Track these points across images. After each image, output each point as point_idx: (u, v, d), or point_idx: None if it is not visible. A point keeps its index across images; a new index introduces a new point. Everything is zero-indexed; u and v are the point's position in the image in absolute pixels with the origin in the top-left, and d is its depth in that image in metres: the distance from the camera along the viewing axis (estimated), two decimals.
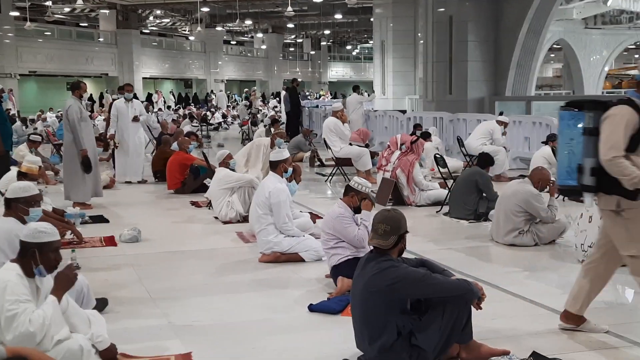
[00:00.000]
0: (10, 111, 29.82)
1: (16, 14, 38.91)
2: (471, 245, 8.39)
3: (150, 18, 51.73)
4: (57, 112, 29.40)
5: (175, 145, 13.32)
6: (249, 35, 62.45)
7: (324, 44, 67.14)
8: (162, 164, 13.27)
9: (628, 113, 4.66)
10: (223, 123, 33.32)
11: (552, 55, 53.59)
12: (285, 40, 64.52)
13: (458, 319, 4.49)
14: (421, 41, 23.93)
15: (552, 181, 8.37)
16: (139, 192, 12.94)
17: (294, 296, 6.29)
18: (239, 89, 62.43)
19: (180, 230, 9.63)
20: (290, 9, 33.55)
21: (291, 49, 69.03)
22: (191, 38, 54.55)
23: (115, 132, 13.66)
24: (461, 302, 4.51)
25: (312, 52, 65.49)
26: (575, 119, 4.80)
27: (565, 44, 42.14)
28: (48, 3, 37.82)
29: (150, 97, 43.41)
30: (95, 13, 47.27)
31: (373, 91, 26.98)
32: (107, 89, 42.27)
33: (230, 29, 56.48)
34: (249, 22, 50.23)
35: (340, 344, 4.94)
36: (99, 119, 25.82)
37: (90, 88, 38.61)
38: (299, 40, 64.00)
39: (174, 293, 6.46)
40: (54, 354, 4.12)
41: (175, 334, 5.35)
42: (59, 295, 4.29)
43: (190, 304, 6.13)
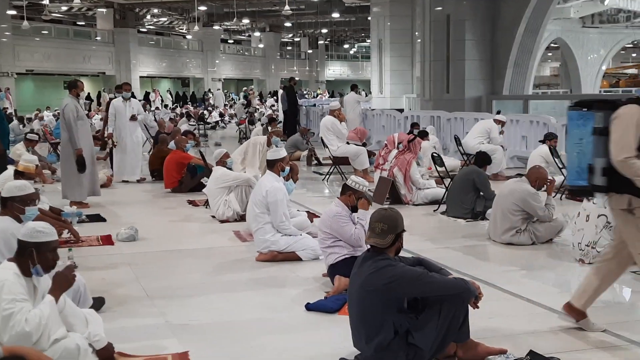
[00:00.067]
0: (7, 110, 29.82)
1: (13, 12, 38.89)
2: (468, 244, 8.38)
3: (148, 17, 51.70)
4: (54, 111, 29.38)
5: (172, 144, 13.31)
6: (247, 34, 62.44)
7: (321, 42, 67.09)
8: (160, 162, 13.26)
9: (638, 112, 4.63)
10: (220, 122, 33.32)
11: (550, 54, 53.72)
12: (282, 39, 64.48)
13: (455, 318, 4.49)
14: (419, 40, 23.92)
15: (550, 180, 8.39)
16: (136, 191, 12.92)
17: (291, 295, 6.29)
18: (236, 87, 62.38)
19: (177, 229, 9.62)
20: (287, 7, 33.52)
21: (288, 48, 69.01)
22: (188, 37, 54.53)
23: (113, 131, 13.66)
24: (458, 301, 4.51)
25: (310, 51, 65.46)
26: (584, 119, 4.76)
27: (562, 42, 42.23)
28: (45, 2, 37.71)
29: (148, 96, 43.37)
30: (93, 12, 47.22)
31: (370, 92, 26.97)
32: (105, 88, 42.22)
33: (228, 27, 56.46)
34: (246, 21, 50.26)
35: (338, 343, 4.94)
36: (96, 118, 25.81)
37: (88, 87, 38.58)
38: (297, 39, 64.03)
39: (171, 292, 6.46)
40: (51, 353, 4.11)
41: (173, 333, 5.34)
42: (57, 295, 4.28)
43: (187, 303, 6.12)
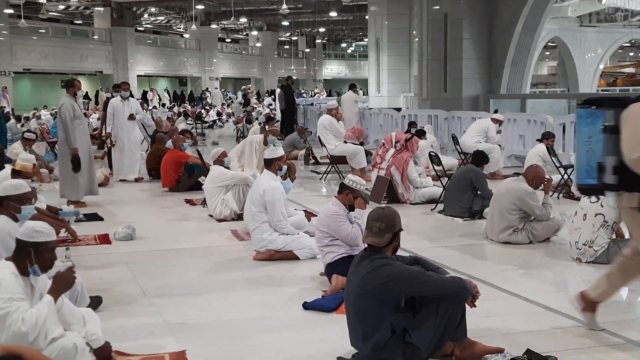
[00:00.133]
0: (4, 109, 29.82)
1: (10, 11, 38.84)
2: (465, 243, 8.39)
3: (145, 16, 51.69)
4: (52, 110, 29.35)
5: (169, 143, 13.30)
6: (244, 33, 62.45)
7: (318, 41, 67.05)
8: (157, 161, 13.25)
9: None
10: (218, 121, 33.31)
11: (547, 53, 53.75)
12: (280, 38, 64.46)
13: (452, 317, 4.49)
14: (416, 39, 23.90)
15: (547, 179, 8.39)
16: (133, 190, 12.92)
17: (289, 294, 6.29)
18: (233, 86, 62.36)
19: (174, 228, 9.62)
20: (285, 6, 33.48)
21: (286, 47, 68.98)
22: (186, 36, 54.51)
23: (112, 130, 13.64)
24: (455, 300, 4.51)
25: (307, 50, 65.47)
26: (593, 117, 4.70)
27: (560, 41, 42.24)
28: (42, 0, 37.70)
29: (145, 95, 43.34)
30: (90, 11, 47.18)
31: (367, 92, 26.98)
32: (102, 87, 42.19)
33: (225, 26, 56.47)
34: (243, 20, 50.19)
35: (335, 342, 4.94)
36: (93, 117, 25.79)
37: (85, 86, 38.53)
38: (294, 38, 64.03)
39: (168, 291, 6.46)
40: (48, 353, 4.10)
41: (170, 332, 5.34)
42: (56, 295, 4.27)
43: (184, 302, 6.12)
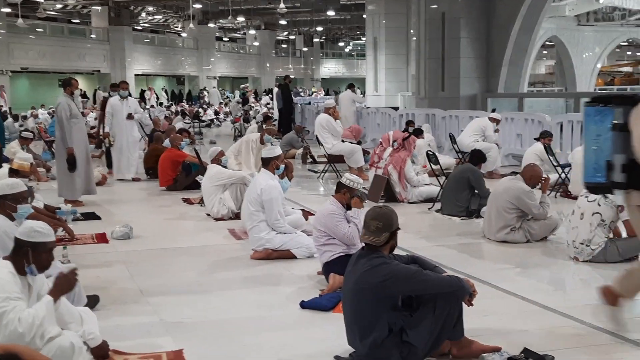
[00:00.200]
0: (1, 108, 29.80)
1: (8, 10, 38.78)
2: (463, 242, 8.40)
3: (143, 15, 51.60)
4: (49, 109, 29.34)
5: (167, 142, 13.31)
6: (242, 32, 62.34)
7: (316, 40, 67.01)
8: (154, 161, 13.24)
9: None
10: (215, 120, 33.30)
11: (545, 52, 53.77)
12: (277, 37, 64.39)
13: (449, 316, 4.50)
14: (414, 38, 23.91)
15: (544, 178, 8.39)
16: (130, 189, 12.92)
17: (286, 293, 6.30)
18: (231, 85, 62.33)
19: (172, 227, 9.61)
20: (282, 5, 33.47)
21: (284, 46, 68.95)
22: (183, 35, 54.42)
23: (110, 130, 13.62)
24: (452, 299, 4.51)
25: (305, 49, 65.38)
26: (601, 115, 4.67)
27: (557, 41, 42.26)
28: None
29: (143, 94, 43.31)
30: (87, 10, 47.12)
31: (364, 92, 26.99)
32: (100, 86, 42.16)
33: (223, 25, 56.41)
34: (241, 19, 50.12)
35: (332, 341, 4.94)
36: (91, 116, 25.77)
37: (83, 85, 38.49)
38: (292, 37, 63.94)
39: (165, 290, 6.46)
40: (45, 352, 4.08)
41: (167, 331, 5.34)
42: (56, 296, 4.25)
43: (181, 301, 6.12)
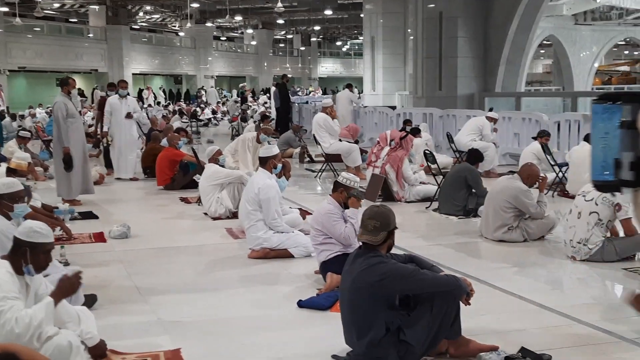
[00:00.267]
0: None
1: (5, 9, 38.74)
2: (460, 241, 8.41)
3: (140, 14, 51.51)
4: (47, 108, 29.31)
5: (164, 142, 13.30)
6: (239, 31, 62.29)
7: (314, 39, 66.98)
8: (152, 160, 13.24)
9: None
10: (213, 119, 33.29)
11: (542, 51, 53.74)
12: (275, 36, 64.33)
13: (446, 315, 4.50)
14: (411, 37, 23.92)
15: (542, 177, 8.40)
16: (128, 189, 12.91)
17: (283, 292, 6.30)
18: (228, 85, 62.29)
19: (169, 226, 9.61)
20: (280, 4, 33.46)
21: (281, 45, 68.89)
22: (181, 34, 54.34)
23: (108, 129, 13.60)
24: (450, 298, 4.52)
25: (302, 48, 65.33)
26: (609, 112, 4.56)
27: (555, 40, 42.26)
28: None
29: (141, 94, 43.28)
30: (85, 9, 47.01)
31: (361, 91, 27.02)
32: (97, 85, 42.12)
33: (220, 25, 56.32)
34: (238, 18, 50.11)
35: (329, 340, 4.94)
36: (88, 115, 25.74)
37: (80, 84, 38.47)
38: (289, 36, 63.89)
39: (163, 289, 6.46)
40: (43, 351, 4.08)
41: (165, 330, 5.34)
42: (58, 298, 4.23)
43: (179, 300, 6.12)
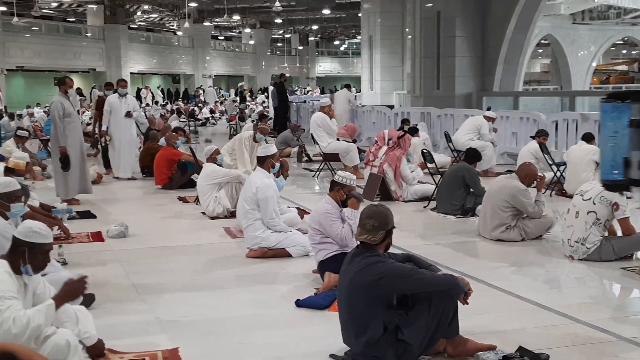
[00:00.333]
0: None
1: (3, 8, 38.68)
2: (458, 240, 8.41)
3: (138, 13, 51.51)
4: (45, 108, 29.28)
5: (162, 141, 13.30)
6: (237, 31, 62.35)
7: (311, 39, 67.03)
8: (150, 159, 13.23)
9: None
10: (211, 118, 33.28)
11: (540, 50, 53.72)
12: (273, 36, 64.38)
13: (444, 314, 4.50)
14: (409, 36, 23.91)
15: (539, 176, 8.40)
16: (126, 188, 12.90)
17: (281, 291, 6.30)
18: (226, 84, 62.28)
19: (167, 225, 9.61)
20: (278, 4, 33.47)
21: (279, 44, 68.87)
22: (179, 33, 54.33)
23: (107, 128, 13.58)
24: (447, 297, 4.52)
25: (300, 48, 65.37)
26: (618, 111, 4.54)
27: (553, 39, 42.23)
28: None
29: (139, 93, 43.26)
30: (83, 8, 47.03)
31: (356, 95, 27.05)
32: (96, 85, 42.11)
33: (218, 24, 56.33)
34: (236, 18, 50.09)
35: (327, 339, 4.94)
36: (86, 114, 25.72)
37: (78, 83, 38.40)
38: (287, 36, 63.88)
39: (161, 288, 6.46)
40: (40, 350, 4.08)
41: (163, 330, 5.34)
42: (60, 302, 4.21)
43: (177, 300, 6.12)
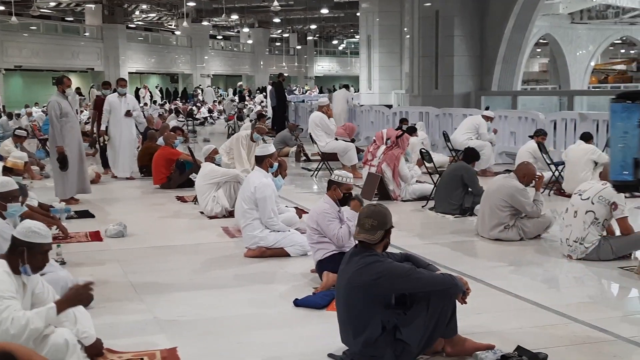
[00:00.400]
0: None
1: (1, 8, 38.65)
2: (456, 239, 8.41)
3: (136, 12, 51.49)
4: (43, 107, 29.29)
5: (161, 140, 13.29)
6: (235, 30, 62.34)
7: (310, 38, 67.04)
8: (148, 159, 13.23)
9: None
10: (209, 118, 33.26)
11: (539, 50, 53.75)
12: (271, 35, 64.35)
13: (442, 314, 4.50)
14: (407, 36, 23.90)
15: (538, 176, 8.40)
16: (124, 187, 12.90)
17: (280, 291, 6.29)
18: (225, 84, 62.26)
19: (166, 225, 9.60)
20: (276, 3, 33.47)
21: (277, 44, 68.91)
22: (177, 33, 54.32)
23: (107, 128, 13.56)
24: (446, 297, 4.52)
25: (299, 47, 65.39)
26: (628, 111, 4.42)
27: (551, 38, 42.26)
28: None
29: (138, 92, 43.23)
30: (81, 7, 47.02)
31: (354, 94, 27.08)
32: (94, 84, 42.09)
33: (217, 23, 56.35)
34: (235, 17, 50.09)
35: (326, 339, 4.95)
36: (85, 114, 25.71)
37: (76, 83, 38.36)
38: (285, 35, 63.90)
39: (159, 288, 6.46)
40: (39, 350, 4.08)
41: (161, 329, 5.34)
42: (63, 307, 4.19)
43: (175, 299, 6.12)
